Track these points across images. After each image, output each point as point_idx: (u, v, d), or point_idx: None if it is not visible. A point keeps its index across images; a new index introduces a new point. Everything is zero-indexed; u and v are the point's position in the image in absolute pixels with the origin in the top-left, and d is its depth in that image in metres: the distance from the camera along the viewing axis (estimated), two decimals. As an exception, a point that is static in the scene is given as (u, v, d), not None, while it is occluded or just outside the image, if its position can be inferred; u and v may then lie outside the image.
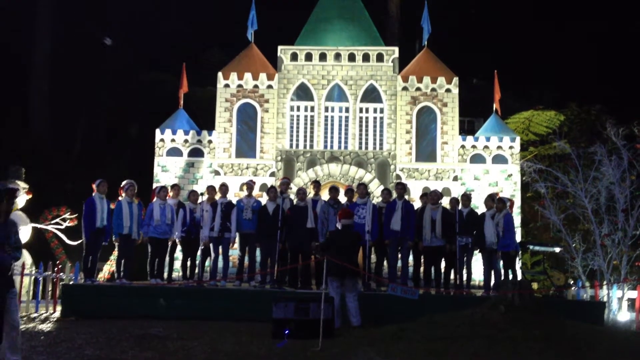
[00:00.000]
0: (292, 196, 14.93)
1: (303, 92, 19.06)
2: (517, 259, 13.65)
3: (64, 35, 28.15)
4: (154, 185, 16.90)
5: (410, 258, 13.82)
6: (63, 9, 28.28)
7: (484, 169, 18.58)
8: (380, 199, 14.24)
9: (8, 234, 7.84)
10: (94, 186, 13.17)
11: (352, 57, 19.12)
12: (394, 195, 13.68)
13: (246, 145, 18.87)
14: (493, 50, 29.92)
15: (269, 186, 15.62)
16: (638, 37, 28.98)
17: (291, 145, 18.85)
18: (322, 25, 20.20)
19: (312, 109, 18.99)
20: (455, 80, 18.87)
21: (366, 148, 18.72)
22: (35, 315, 13.12)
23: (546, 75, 29.78)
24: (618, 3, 30.68)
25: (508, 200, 13.52)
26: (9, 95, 27.18)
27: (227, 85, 19.11)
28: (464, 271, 13.54)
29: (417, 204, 14.58)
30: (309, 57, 19.18)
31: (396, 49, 19.41)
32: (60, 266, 15.64)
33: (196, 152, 18.91)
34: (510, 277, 12.89)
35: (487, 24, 31.64)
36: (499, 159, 18.59)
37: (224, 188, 13.96)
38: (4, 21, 27.12)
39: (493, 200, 13.50)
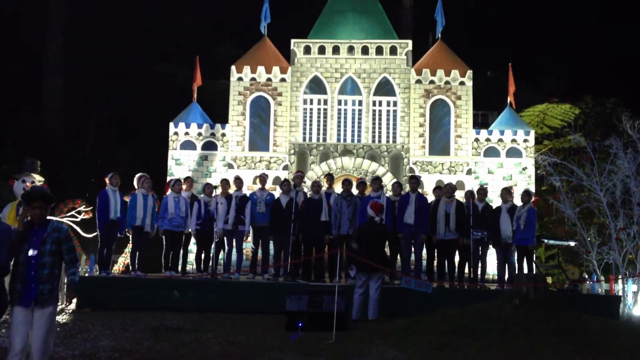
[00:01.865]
0: (306, 189, 14.96)
1: (316, 85, 19.03)
2: (533, 253, 13.60)
3: (77, 29, 28.28)
4: (168, 179, 16.94)
5: (424, 251, 13.80)
6: (76, 3, 28.40)
7: (498, 162, 18.47)
8: (391, 192, 14.22)
9: (45, 240, 6.52)
10: (106, 179, 13.27)
11: (365, 50, 19.05)
12: (407, 188, 13.65)
13: (259, 138, 18.87)
14: (507, 42, 29.76)
15: (282, 179, 15.64)
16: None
17: (304, 139, 18.84)
18: (335, 18, 20.14)
19: (325, 102, 18.96)
20: (469, 73, 18.76)
21: (379, 141, 18.67)
22: (51, 307, 13.22)
23: (561, 67, 29.56)
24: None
25: (534, 195, 13.47)
26: (23, 90, 27.39)
27: (240, 79, 19.11)
28: (479, 265, 13.50)
29: (430, 197, 14.54)
30: (322, 50, 19.13)
31: (409, 42, 19.32)
32: (75, 258, 15.74)
33: (210, 146, 18.94)
34: (526, 271, 12.84)
35: (501, 15, 31.45)
36: (513, 153, 18.48)
37: (239, 181, 14.01)
38: (18, 16, 27.29)
39: (509, 193, 13.47)
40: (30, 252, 6.47)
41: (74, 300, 11.56)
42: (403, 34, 25.54)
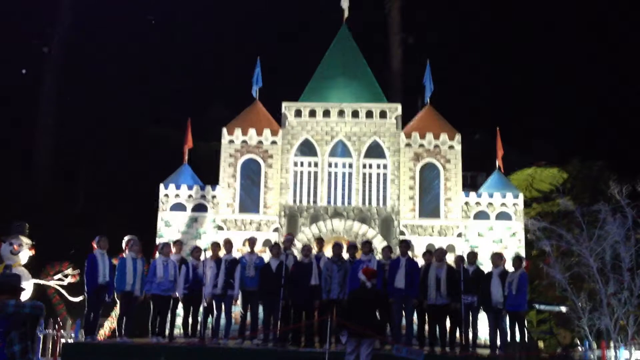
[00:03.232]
0: (296, 252, 14.88)
1: (307, 148, 19.18)
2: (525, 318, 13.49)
3: (69, 89, 28.56)
4: (157, 241, 16.85)
5: (414, 316, 13.67)
6: (68, 67, 28.74)
7: (488, 225, 18.53)
8: (381, 256, 14.17)
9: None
10: (93, 243, 13.14)
11: (355, 114, 19.29)
12: (397, 252, 13.61)
13: (250, 200, 18.88)
14: (495, 104, 30.27)
15: (272, 242, 15.57)
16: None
17: (295, 201, 18.86)
18: (325, 82, 20.45)
19: (316, 164, 19.08)
20: (458, 137, 18.99)
21: (370, 204, 18.72)
22: (35, 373, 12.93)
23: (548, 130, 30.01)
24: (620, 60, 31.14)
25: (525, 260, 13.45)
26: (13, 152, 27.43)
27: (231, 141, 19.24)
28: (470, 330, 13.37)
29: (420, 261, 14.49)
30: (312, 113, 19.36)
31: (399, 105, 19.60)
32: (61, 323, 15.48)
33: (200, 207, 18.93)
34: (518, 337, 12.71)
35: (489, 80, 32.06)
36: (502, 216, 18.56)
37: (229, 245, 13.92)
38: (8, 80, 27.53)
39: (500, 258, 13.43)
40: None
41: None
42: (392, 96, 25.94)
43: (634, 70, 30.02)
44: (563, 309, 14.71)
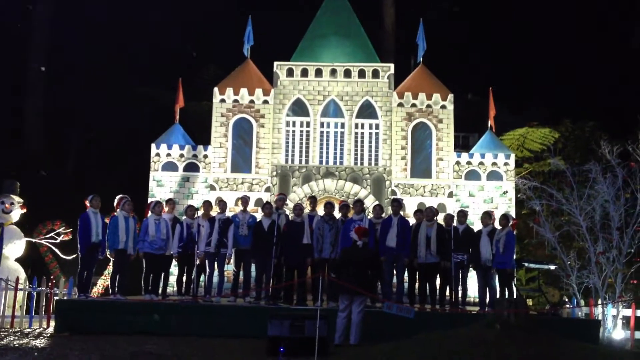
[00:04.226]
0: (288, 212, 14.94)
1: (299, 108, 19.10)
2: (513, 276, 13.65)
3: (58, 50, 28.18)
4: (149, 200, 16.85)
5: (405, 275, 13.81)
6: (58, 24, 28.31)
7: (479, 185, 18.61)
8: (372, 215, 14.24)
9: None
10: (86, 202, 13.14)
11: (347, 73, 19.19)
12: (389, 211, 13.68)
13: (241, 160, 18.86)
14: (488, 65, 30.10)
15: (264, 201, 15.62)
16: (634, 54, 29.16)
17: (286, 161, 18.86)
18: (318, 42, 20.28)
19: (308, 124, 19.03)
20: (451, 97, 18.94)
21: (361, 164, 18.75)
22: (29, 330, 13.05)
23: (541, 91, 29.93)
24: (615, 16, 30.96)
25: (512, 219, 13.55)
26: (3, 111, 27.19)
27: (223, 100, 19.14)
28: (459, 288, 13.54)
29: (411, 220, 14.58)
30: (304, 72, 19.24)
31: (392, 65, 19.50)
32: (54, 281, 15.58)
33: (192, 167, 18.90)
34: (507, 294, 12.89)
35: (483, 39, 31.82)
36: (494, 176, 18.63)
37: (222, 204, 13.97)
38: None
39: (490, 217, 13.53)
40: None
41: (52, 324, 11.40)
42: (385, 56, 25.74)
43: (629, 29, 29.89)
44: (552, 267, 14.88)
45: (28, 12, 28.53)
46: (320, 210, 14.18)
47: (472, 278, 14.07)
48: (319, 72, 19.21)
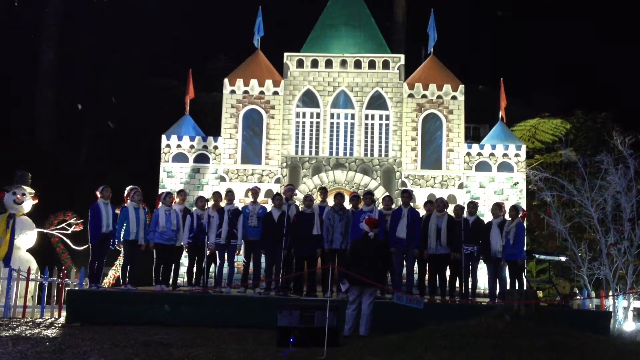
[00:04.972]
0: (298, 202, 14.95)
1: (309, 99, 19.08)
2: (524, 268, 13.61)
3: (69, 42, 28.25)
4: (160, 191, 16.91)
5: (415, 266, 13.80)
6: (69, 16, 28.37)
7: (489, 176, 18.54)
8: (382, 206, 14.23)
9: None
10: (97, 192, 13.21)
11: (358, 64, 19.13)
12: (399, 202, 13.65)
13: (252, 151, 18.88)
14: (499, 56, 29.96)
15: (274, 193, 15.62)
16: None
17: (296, 152, 18.86)
18: (328, 32, 20.23)
19: (318, 115, 19.00)
20: (461, 87, 18.85)
21: (371, 155, 18.71)
22: (41, 320, 13.15)
23: (552, 82, 29.76)
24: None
25: (522, 210, 13.49)
26: (14, 102, 27.32)
27: (233, 92, 19.14)
28: (469, 279, 13.51)
29: (421, 211, 14.55)
30: (315, 63, 19.20)
31: (402, 56, 19.42)
32: (65, 271, 15.69)
33: (202, 158, 18.93)
34: (517, 286, 12.86)
35: (494, 29, 31.66)
36: (504, 167, 18.55)
37: (231, 194, 13.98)
38: (11, 28, 27.26)
39: (500, 208, 13.47)
40: None
41: (63, 314, 11.48)
42: (396, 47, 25.66)
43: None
44: (563, 258, 14.81)
45: (41, 3, 28.57)
46: (331, 202, 14.18)
47: (482, 269, 14.03)
48: (329, 63, 19.17)
